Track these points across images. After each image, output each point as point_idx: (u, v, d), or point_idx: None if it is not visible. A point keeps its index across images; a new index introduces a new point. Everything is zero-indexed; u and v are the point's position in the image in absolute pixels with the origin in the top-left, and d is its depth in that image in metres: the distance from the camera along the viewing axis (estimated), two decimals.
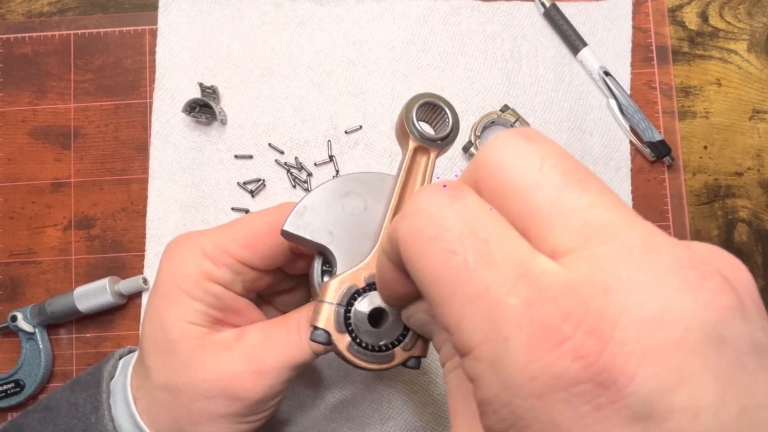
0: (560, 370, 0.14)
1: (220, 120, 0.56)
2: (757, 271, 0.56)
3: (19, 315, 0.53)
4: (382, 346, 0.29)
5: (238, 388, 0.33)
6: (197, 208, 0.56)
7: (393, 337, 0.29)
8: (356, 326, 0.29)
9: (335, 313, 0.29)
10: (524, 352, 0.15)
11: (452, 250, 0.17)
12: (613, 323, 0.14)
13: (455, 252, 0.17)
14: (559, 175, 0.18)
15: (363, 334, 0.29)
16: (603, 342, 0.14)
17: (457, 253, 0.17)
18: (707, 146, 0.57)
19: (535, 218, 0.17)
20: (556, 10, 0.57)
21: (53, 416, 0.36)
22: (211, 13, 0.58)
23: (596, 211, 0.17)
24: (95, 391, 0.36)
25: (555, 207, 0.17)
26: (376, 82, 0.57)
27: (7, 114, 0.58)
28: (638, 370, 0.13)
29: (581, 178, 0.18)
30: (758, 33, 0.58)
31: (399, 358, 0.29)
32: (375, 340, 0.29)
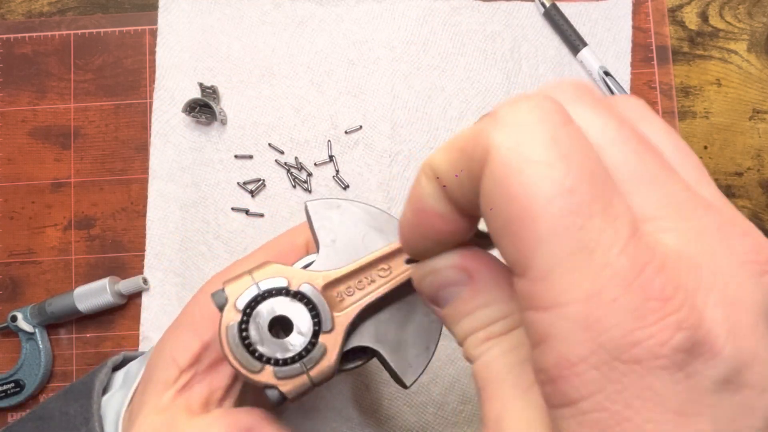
0: (666, 338, 0.14)
1: (220, 120, 0.56)
2: None
3: (19, 315, 0.53)
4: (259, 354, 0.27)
5: None
6: (197, 208, 0.56)
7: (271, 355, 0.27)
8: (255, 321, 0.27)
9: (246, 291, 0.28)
10: (633, 318, 0.14)
11: (570, 187, 0.15)
12: (705, 299, 0.15)
13: (573, 191, 0.15)
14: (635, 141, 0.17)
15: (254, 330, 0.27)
16: (701, 317, 0.14)
17: (574, 193, 0.15)
18: (707, 146, 0.57)
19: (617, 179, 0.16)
20: (556, 10, 0.57)
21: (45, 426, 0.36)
22: (211, 13, 0.58)
23: (673, 187, 0.16)
24: (86, 403, 0.36)
25: (635, 171, 0.16)
26: (376, 82, 0.57)
27: (7, 114, 0.58)
28: (725, 345, 0.14)
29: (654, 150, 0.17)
30: (758, 33, 0.58)
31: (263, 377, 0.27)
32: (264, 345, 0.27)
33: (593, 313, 0.14)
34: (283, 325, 0.28)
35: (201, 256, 0.55)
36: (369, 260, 0.29)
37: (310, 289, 0.28)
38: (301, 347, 0.27)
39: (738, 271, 0.15)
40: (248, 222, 0.56)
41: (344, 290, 0.29)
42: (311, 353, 0.28)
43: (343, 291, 0.29)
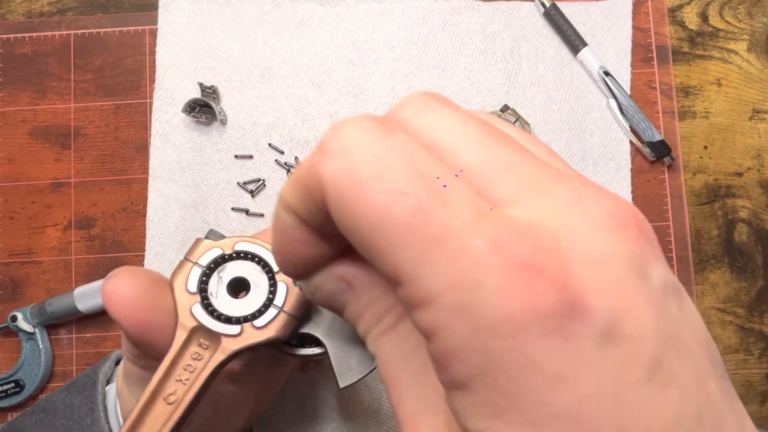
0: (535, 305, 0.14)
1: (220, 120, 0.56)
2: (757, 271, 0.56)
3: (19, 315, 0.53)
4: (231, 318, 0.27)
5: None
6: (197, 208, 0.56)
7: (248, 313, 0.27)
8: (212, 293, 0.27)
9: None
10: (499, 293, 0.14)
11: (401, 191, 0.15)
12: (569, 261, 0.15)
13: (405, 193, 0.15)
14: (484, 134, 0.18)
15: (216, 302, 0.27)
16: (568, 277, 0.15)
17: (407, 195, 0.15)
18: (707, 146, 0.57)
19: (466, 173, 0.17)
20: (556, 10, 0.57)
21: (50, 418, 0.36)
22: (211, 13, 0.58)
23: (528, 168, 0.17)
24: (90, 393, 0.36)
25: (486, 163, 0.17)
26: (376, 82, 0.57)
27: (7, 114, 0.58)
28: (596, 303, 0.14)
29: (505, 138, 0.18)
30: (758, 33, 0.58)
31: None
32: (227, 310, 0.27)
33: (461, 298, 0.15)
34: (240, 286, 0.28)
35: None
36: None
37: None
38: (264, 293, 0.27)
39: (598, 230, 0.16)
40: (248, 222, 0.56)
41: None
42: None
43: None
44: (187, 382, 0.26)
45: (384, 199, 0.15)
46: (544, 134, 0.56)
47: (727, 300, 0.55)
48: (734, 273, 0.56)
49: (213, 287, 0.27)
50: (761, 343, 0.55)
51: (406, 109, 0.18)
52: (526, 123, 0.55)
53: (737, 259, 0.56)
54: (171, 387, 0.26)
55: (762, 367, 0.55)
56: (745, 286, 0.56)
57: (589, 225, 0.16)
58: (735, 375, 0.55)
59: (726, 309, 0.55)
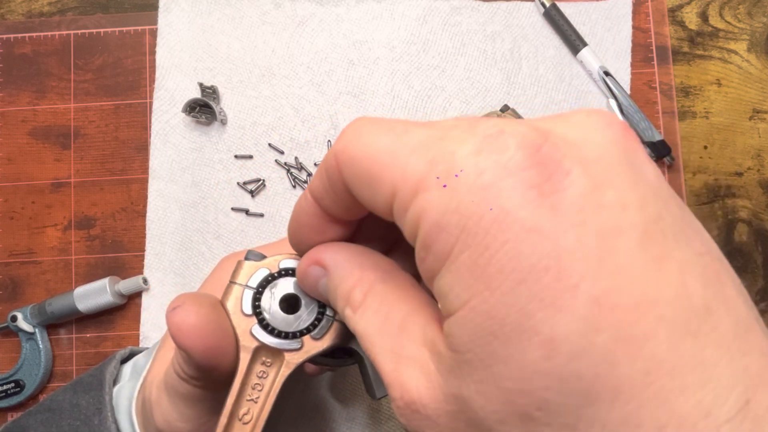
0: (507, 159, 0.15)
1: (220, 120, 0.56)
2: (757, 271, 0.56)
3: (19, 315, 0.53)
4: (290, 333, 0.28)
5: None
6: (197, 208, 0.56)
7: (304, 326, 0.28)
8: (267, 311, 0.28)
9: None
10: (472, 156, 0.15)
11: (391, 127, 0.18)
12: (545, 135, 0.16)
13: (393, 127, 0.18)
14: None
15: (273, 320, 0.28)
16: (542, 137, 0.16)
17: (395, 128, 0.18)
18: (707, 146, 0.57)
19: None
20: (556, 10, 0.57)
21: (56, 418, 0.36)
22: (211, 13, 0.58)
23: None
24: (98, 394, 0.36)
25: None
26: (376, 82, 0.57)
27: (7, 114, 0.58)
28: (572, 167, 0.15)
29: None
30: (758, 33, 0.58)
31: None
32: (285, 327, 0.28)
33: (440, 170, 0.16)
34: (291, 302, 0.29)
35: (201, 256, 0.55)
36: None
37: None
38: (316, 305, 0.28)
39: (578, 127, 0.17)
40: (248, 222, 0.56)
41: None
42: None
43: None
44: (258, 401, 0.28)
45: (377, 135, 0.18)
46: None
47: None
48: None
49: (266, 306, 0.28)
50: None
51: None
52: None
53: (737, 259, 0.56)
54: (244, 407, 0.27)
55: None
56: (745, 286, 0.56)
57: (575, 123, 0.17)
58: None
59: None
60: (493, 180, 0.15)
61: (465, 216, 0.15)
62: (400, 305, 0.20)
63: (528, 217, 0.15)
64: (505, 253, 0.15)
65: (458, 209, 0.15)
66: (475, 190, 0.15)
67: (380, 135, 0.18)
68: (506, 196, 0.15)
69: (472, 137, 0.16)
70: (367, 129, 0.19)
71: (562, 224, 0.15)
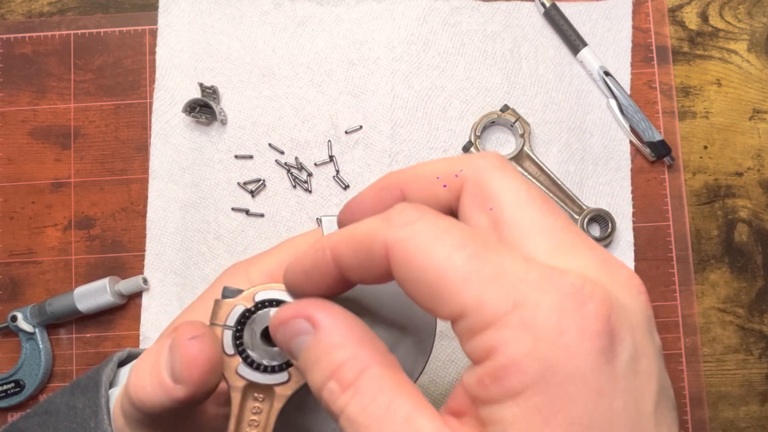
0: (587, 325, 0.18)
1: (220, 120, 0.56)
2: (757, 271, 0.56)
3: (19, 315, 0.53)
4: (275, 366, 0.27)
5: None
6: (197, 208, 0.56)
7: (282, 361, 0.27)
8: (249, 347, 0.27)
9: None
10: (555, 311, 0.18)
11: (460, 243, 0.19)
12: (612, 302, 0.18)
13: (463, 245, 0.19)
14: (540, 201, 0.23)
15: (257, 356, 0.27)
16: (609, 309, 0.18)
17: (465, 246, 0.19)
18: (707, 146, 0.57)
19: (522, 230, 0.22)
20: (556, 10, 0.57)
21: (53, 420, 0.36)
22: (211, 13, 0.58)
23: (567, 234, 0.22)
24: (94, 396, 0.36)
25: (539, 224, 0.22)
26: (376, 82, 0.57)
27: (7, 114, 0.58)
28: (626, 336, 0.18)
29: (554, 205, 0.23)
30: (758, 33, 0.58)
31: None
32: (270, 359, 0.27)
33: (524, 316, 0.18)
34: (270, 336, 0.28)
35: (201, 256, 0.55)
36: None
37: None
38: None
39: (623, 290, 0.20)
40: (248, 222, 0.56)
41: None
42: None
43: None
44: None
45: (446, 250, 0.19)
46: (544, 134, 0.56)
47: (727, 300, 0.55)
48: (734, 273, 0.56)
49: (248, 343, 0.28)
50: (761, 343, 0.55)
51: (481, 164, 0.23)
52: (526, 123, 0.55)
53: (737, 259, 0.56)
54: None
55: (762, 367, 0.55)
56: (745, 286, 0.56)
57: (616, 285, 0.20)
58: (735, 375, 0.55)
59: (726, 309, 0.55)
60: (573, 341, 0.17)
61: (545, 366, 0.17)
62: (402, 398, 0.20)
63: (596, 379, 0.17)
64: (574, 407, 0.17)
65: (539, 358, 0.17)
66: (558, 346, 0.17)
67: (449, 251, 0.19)
68: (582, 358, 0.17)
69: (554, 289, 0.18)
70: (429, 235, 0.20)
71: (617, 389, 0.17)
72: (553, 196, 0.55)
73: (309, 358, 0.22)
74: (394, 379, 0.21)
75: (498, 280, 0.18)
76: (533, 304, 0.18)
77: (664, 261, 0.55)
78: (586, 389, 0.17)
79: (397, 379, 0.21)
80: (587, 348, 0.17)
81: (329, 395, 0.21)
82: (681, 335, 0.55)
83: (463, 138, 0.56)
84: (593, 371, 0.17)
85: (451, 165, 0.23)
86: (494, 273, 0.19)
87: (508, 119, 0.55)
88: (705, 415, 0.54)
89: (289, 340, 0.23)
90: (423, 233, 0.20)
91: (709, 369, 0.55)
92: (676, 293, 0.55)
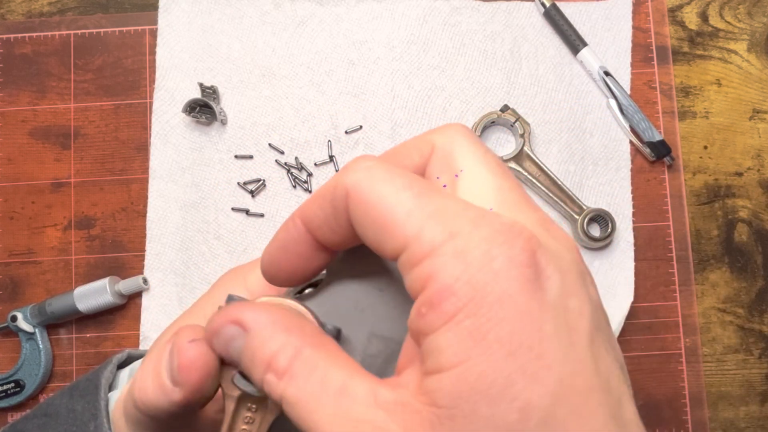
0: (514, 255, 0.19)
1: (220, 120, 0.56)
2: (757, 271, 0.56)
3: (19, 315, 0.53)
4: None
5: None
6: (197, 208, 0.56)
7: None
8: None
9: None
10: (486, 242, 0.19)
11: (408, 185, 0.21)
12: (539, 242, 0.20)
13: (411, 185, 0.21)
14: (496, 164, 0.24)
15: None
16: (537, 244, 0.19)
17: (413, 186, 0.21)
18: (707, 146, 0.57)
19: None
20: (556, 10, 0.57)
21: (52, 423, 0.36)
22: (211, 13, 0.58)
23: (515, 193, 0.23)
24: (93, 399, 0.36)
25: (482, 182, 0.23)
26: (376, 82, 0.57)
27: (7, 114, 0.58)
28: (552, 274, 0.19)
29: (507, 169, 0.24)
30: (758, 33, 0.58)
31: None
32: None
33: (457, 245, 0.19)
34: None
35: (201, 256, 0.55)
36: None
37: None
38: None
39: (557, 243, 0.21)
40: (248, 222, 0.56)
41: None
42: None
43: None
44: None
45: (395, 189, 0.20)
46: (544, 134, 0.56)
47: (727, 300, 0.55)
48: (734, 273, 0.56)
49: None
50: (761, 343, 0.55)
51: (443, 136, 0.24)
52: (526, 123, 0.55)
53: (737, 259, 0.56)
54: None
55: (762, 367, 0.55)
56: (745, 286, 0.56)
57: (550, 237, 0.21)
58: (735, 375, 0.55)
59: (726, 309, 0.55)
60: (502, 268, 0.19)
61: (475, 289, 0.18)
62: (336, 370, 0.21)
63: (524, 303, 0.18)
64: (503, 327, 0.18)
65: (470, 282, 0.19)
66: (487, 271, 0.19)
67: (397, 189, 0.21)
68: (510, 283, 0.18)
69: (486, 225, 0.19)
70: (382, 176, 0.21)
71: (545, 315, 0.18)
72: (553, 196, 0.55)
73: (246, 360, 0.23)
74: (326, 355, 0.21)
75: (438, 215, 0.20)
76: (467, 234, 0.19)
77: (664, 261, 0.55)
78: (514, 310, 0.18)
79: (331, 354, 0.21)
80: (514, 274, 0.19)
81: (269, 387, 0.21)
82: (681, 335, 0.55)
83: None
84: (521, 294, 0.18)
85: (425, 135, 0.25)
86: (435, 209, 0.20)
87: (508, 119, 0.55)
88: (705, 415, 0.54)
89: (226, 349, 0.24)
90: (376, 175, 0.21)
91: (709, 369, 0.55)
92: (676, 293, 0.55)
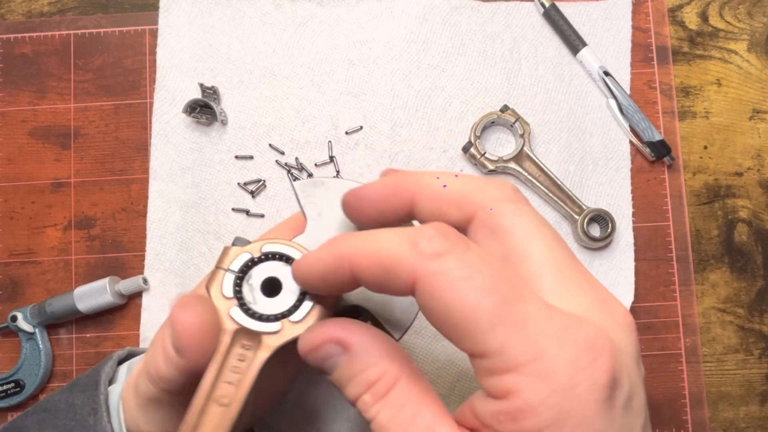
0: (597, 377, 0.20)
1: (220, 120, 0.56)
2: (757, 271, 0.56)
3: (19, 315, 0.53)
4: (269, 316, 0.28)
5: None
6: (197, 208, 0.56)
7: (283, 309, 0.28)
8: (247, 294, 0.28)
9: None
10: (571, 366, 0.20)
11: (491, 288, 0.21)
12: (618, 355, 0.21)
13: (493, 289, 0.21)
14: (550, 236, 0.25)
15: (254, 303, 0.28)
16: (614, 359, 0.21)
17: (495, 291, 0.21)
18: (707, 146, 0.57)
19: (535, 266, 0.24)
20: (555, 10, 0.57)
21: (52, 418, 0.36)
22: (211, 13, 0.58)
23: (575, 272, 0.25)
24: (93, 393, 0.36)
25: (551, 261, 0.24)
26: (376, 82, 0.57)
27: (7, 114, 0.58)
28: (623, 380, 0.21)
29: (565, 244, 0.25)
30: (758, 33, 0.58)
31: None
32: (265, 310, 0.28)
33: (543, 367, 0.20)
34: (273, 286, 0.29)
35: (201, 257, 0.55)
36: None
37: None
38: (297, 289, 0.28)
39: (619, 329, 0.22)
40: (249, 222, 0.56)
41: None
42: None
43: None
44: (237, 383, 0.27)
45: (477, 294, 0.21)
46: (544, 134, 0.56)
47: (727, 300, 0.56)
48: (734, 273, 0.56)
49: (247, 290, 0.28)
50: (761, 343, 0.55)
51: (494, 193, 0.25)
52: (525, 123, 0.55)
53: (737, 259, 0.56)
54: (222, 390, 0.27)
55: (762, 367, 0.55)
56: (745, 286, 0.56)
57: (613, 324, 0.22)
58: (735, 375, 0.55)
59: (726, 309, 0.55)
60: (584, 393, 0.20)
61: (559, 413, 0.20)
62: (426, 409, 0.23)
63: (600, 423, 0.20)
64: None
65: (554, 406, 0.20)
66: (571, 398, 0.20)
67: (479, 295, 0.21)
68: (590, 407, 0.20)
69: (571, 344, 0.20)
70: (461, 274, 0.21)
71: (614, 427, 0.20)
72: (553, 196, 0.55)
73: (343, 376, 0.25)
74: (419, 391, 0.23)
75: (522, 328, 0.20)
76: (552, 356, 0.20)
77: (664, 261, 0.55)
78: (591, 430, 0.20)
79: (423, 390, 0.23)
80: (596, 398, 0.20)
81: (363, 405, 0.24)
82: (681, 335, 0.55)
83: (462, 138, 0.56)
84: (598, 416, 0.20)
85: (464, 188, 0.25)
86: (519, 321, 0.20)
87: (507, 119, 0.55)
88: (705, 415, 0.54)
89: (321, 363, 0.26)
90: (454, 271, 0.21)
91: (709, 369, 0.55)
92: (676, 293, 0.55)
